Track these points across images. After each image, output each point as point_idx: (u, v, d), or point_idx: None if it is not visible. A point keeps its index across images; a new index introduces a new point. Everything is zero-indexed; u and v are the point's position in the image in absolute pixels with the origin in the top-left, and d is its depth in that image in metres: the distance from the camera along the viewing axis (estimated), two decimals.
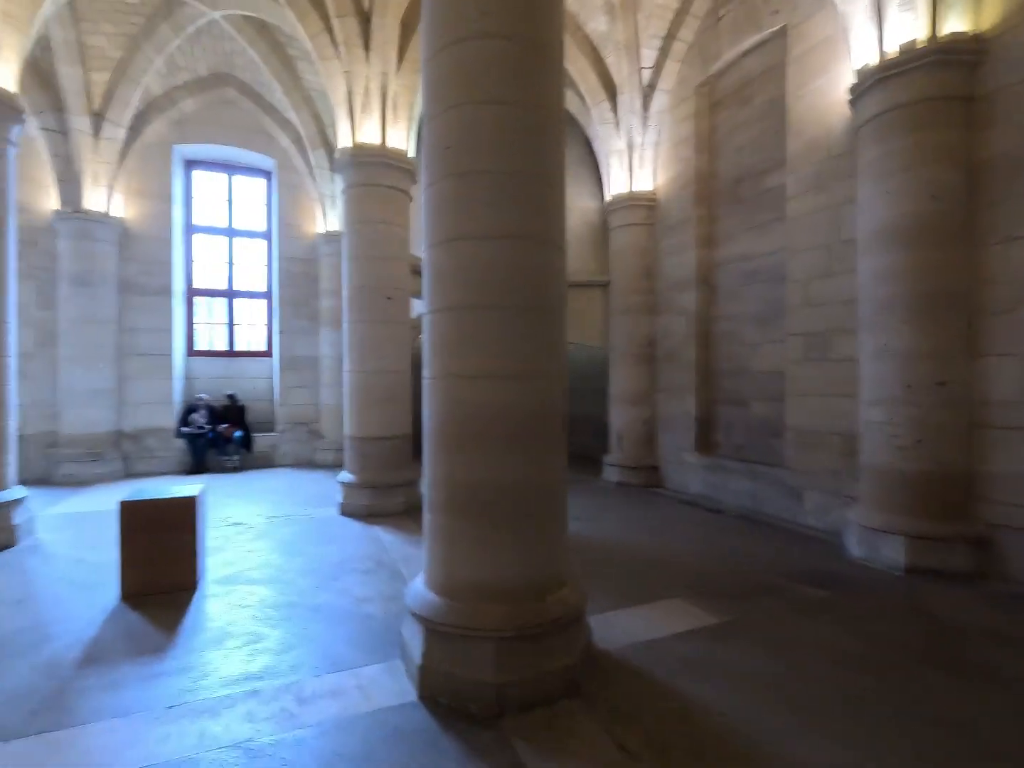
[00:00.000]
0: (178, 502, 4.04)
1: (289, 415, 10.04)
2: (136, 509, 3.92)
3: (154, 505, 3.97)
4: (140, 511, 3.93)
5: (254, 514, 6.34)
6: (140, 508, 3.93)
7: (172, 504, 4.03)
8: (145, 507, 3.94)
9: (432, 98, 2.83)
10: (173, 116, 9.20)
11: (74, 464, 8.31)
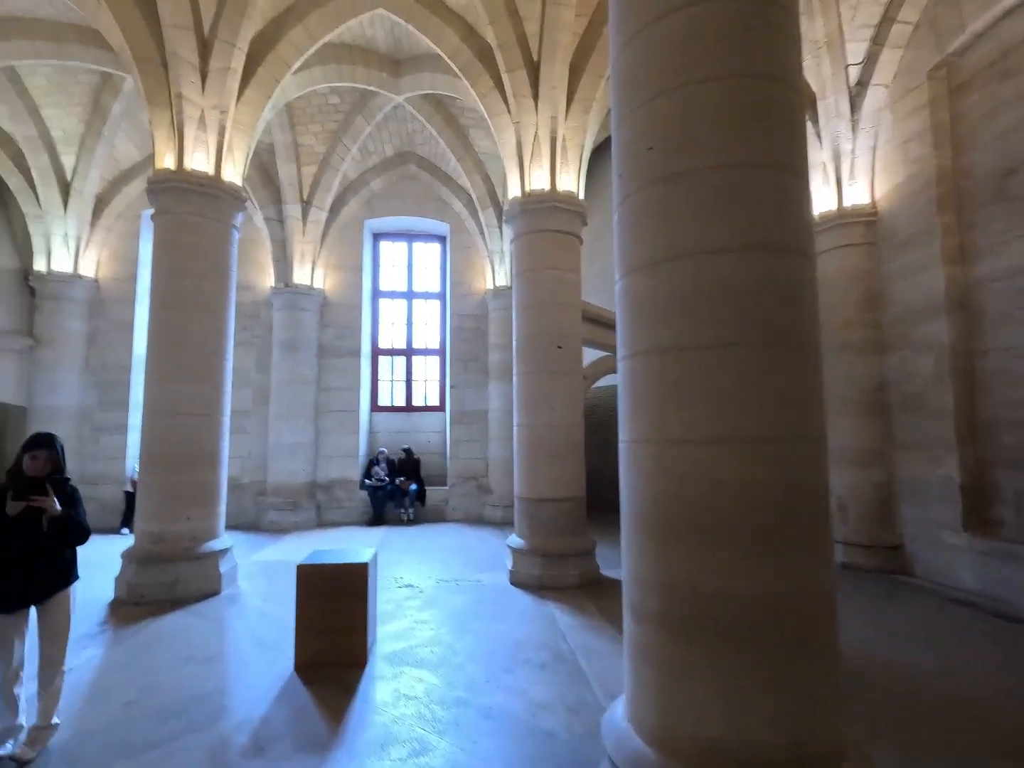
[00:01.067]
0: (351, 569, 3.83)
1: (459, 469, 10.05)
2: (311, 574, 3.79)
3: (328, 571, 3.81)
4: (315, 576, 3.79)
5: (424, 576, 6.12)
6: (315, 573, 3.80)
7: (345, 571, 3.83)
8: (320, 572, 3.80)
9: (625, 95, 2.30)
10: (364, 195, 10.22)
11: (276, 512, 9.10)
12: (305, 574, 3.79)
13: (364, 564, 3.86)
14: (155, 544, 5.25)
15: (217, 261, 5.76)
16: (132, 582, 5.16)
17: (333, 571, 3.82)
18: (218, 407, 5.70)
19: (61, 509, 2.74)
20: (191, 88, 5.60)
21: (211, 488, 5.58)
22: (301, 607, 3.76)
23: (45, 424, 8.97)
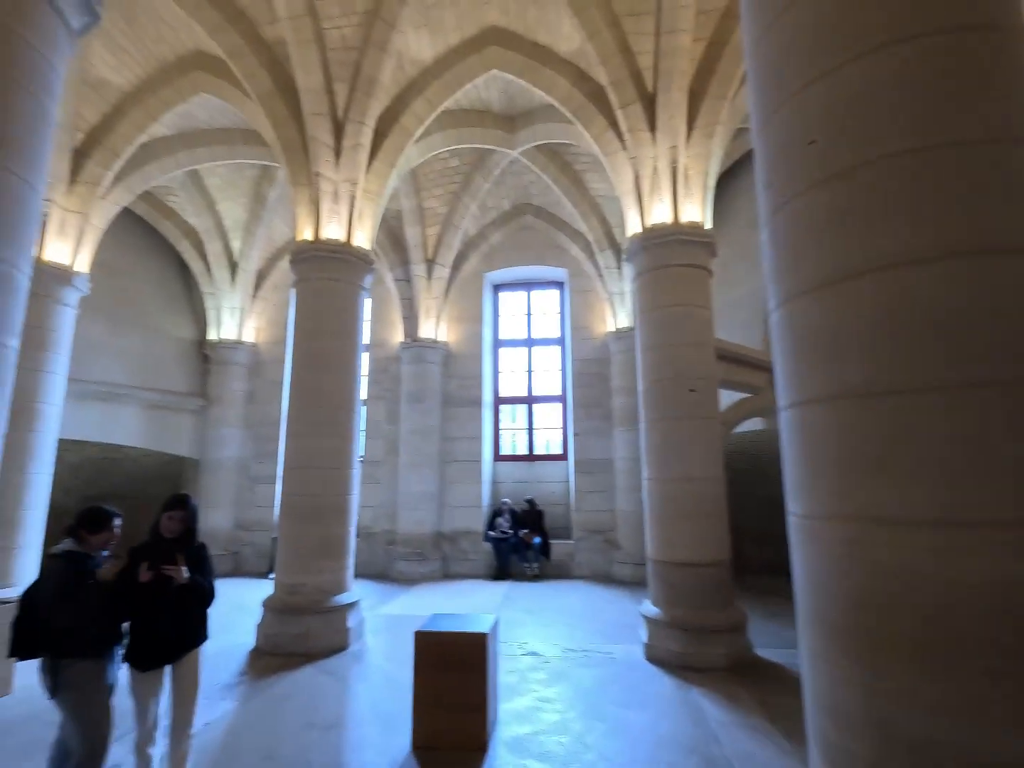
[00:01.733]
0: (470, 640, 3.54)
1: (584, 522, 9.51)
2: (429, 642, 3.55)
3: (446, 640, 3.55)
4: (433, 645, 3.55)
5: (550, 642, 5.64)
6: (433, 641, 3.55)
7: (465, 641, 3.54)
8: (437, 641, 3.55)
9: (769, 89, 1.90)
10: (483, 250, 10.53)
11: (404, 562, 9.21)
12: (423, 643, 3.56)
13: (483, 635, 3.55)
14: (289, 595, 5.41)
15: (346, 321, 6.08)
16: (269, 632, 5.34)
17: (451, 640, 3.55)
18: (347, 460, 5.88)
19: (189, 576, 2.79)
20: (326, 166, 6.12)
21: (340, 541, 5.70)
22: (419, 678, 3.52)
23: (211, 474, 10.10)
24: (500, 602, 7.45)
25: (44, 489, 6.58)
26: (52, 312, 6.71)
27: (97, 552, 2.87)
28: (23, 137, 2.52)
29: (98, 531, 2.86)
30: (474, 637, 3.54)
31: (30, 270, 2.65)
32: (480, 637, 3.54)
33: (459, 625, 3.73)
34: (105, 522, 2.88)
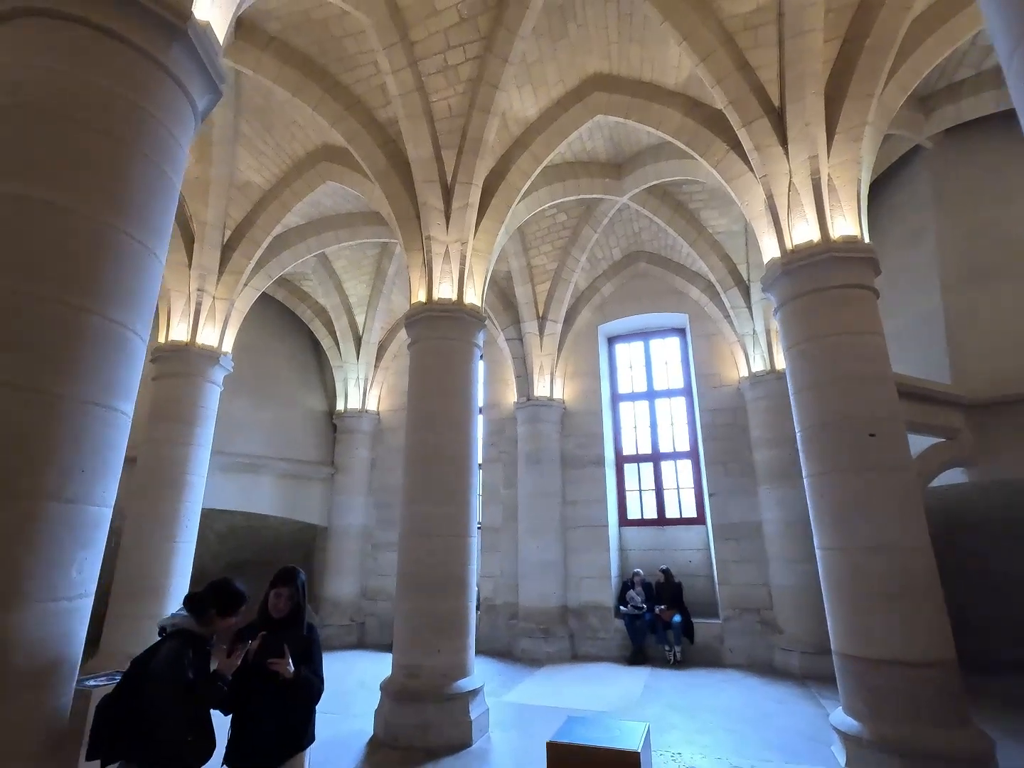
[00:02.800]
0: (619, 758, 2.80)
1: (733, 598, 8.18)
2: (567, 758, 2.87)
3: (589, 757, 2.84)
4: (572, 761, 2.85)
5: (712, 755, 4.57)
6: (572, 757, 2.86)
7: (612, 760, 2.81)
8: (577, 757, 2.85)
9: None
10: (595, 302, 10.16)
11: (528, 639, 8.46)
12: (558, 757, 2.88)
13: (635, 754, 2.79)
14: (409, 679, 4.96)
15: (459, 379, 5.88)
16: (387, 720, 4.89)
17: (594, 758, 2.83)
18: (464, 527, 5.49)
19: (294, 671, 2.44)
20: (437, 229, 6.18)
21: (460, 616, 5.21)
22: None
23: (338, 541, 10.26)
24: (640, 694, 6.41)
25: (188, 558, 6.90)
26: (202, 390, 7.31)
27: (212, 638, 2.62)
28: (146, 205, 2.56)
29: (231, 614, 2.61)
30: (623, 755, 2.80)
31: (147, 335, 2.63)
32: (631, 756, 2.79)
33: (601, 735, 3.00)
34: (239, 604, 2.63)
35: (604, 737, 2.94)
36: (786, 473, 7.92)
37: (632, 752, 2.77)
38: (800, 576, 7.52)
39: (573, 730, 3.07)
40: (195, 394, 7.21)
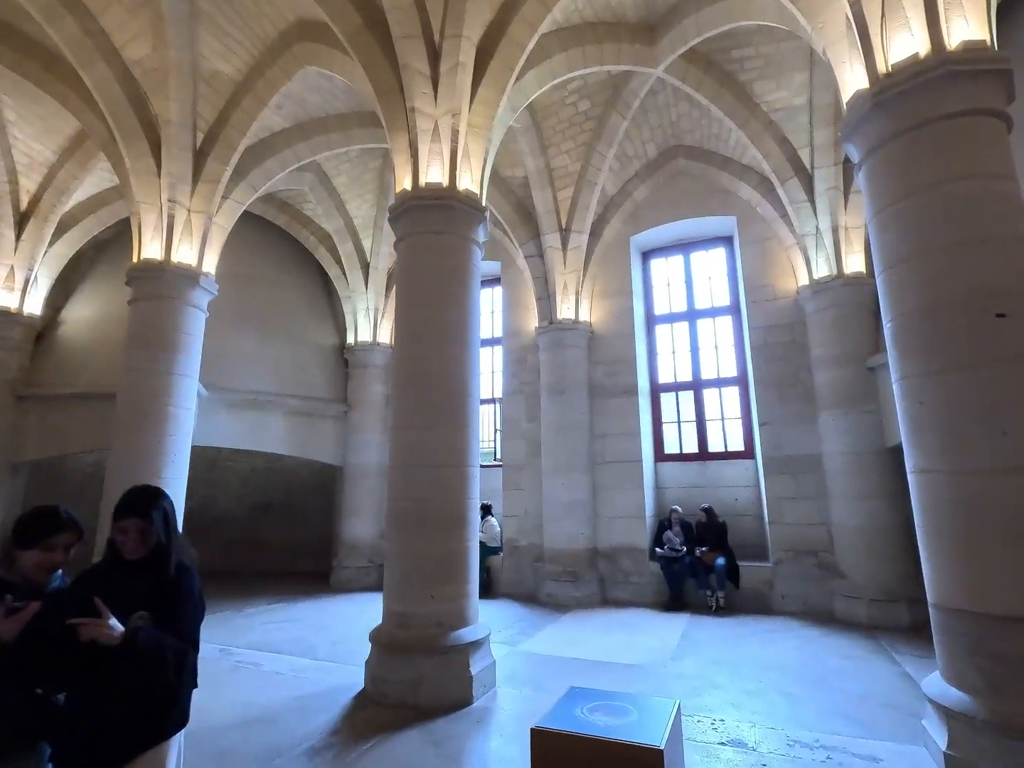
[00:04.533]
0: (632, 756, 1.92)
1: (785, 539, 7.17)
2: (558, 751, 2.01)
3: (590, 751, 1.97)
4: (564, 755, 2.00)
5: (762, 723, 3.70)
6: (565, 751, 2.00)
7: (622, 759, 1.93)
8: (574, 751, 1.99)
9: None
10: (627, 209, 8.82)
11: (554, 583, 7.75)
12: (547, 750, 2.03)
13: (656, 751, 1.90)
14: (398, 629, 4.25)
15: (456, 281, 4.88)
16: (376, 675, 4.23)
17: (598, 754, 1.96)
18: (462, 456, 4.61)
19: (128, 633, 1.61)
20: (423, 99, 5.03)
21: (458, 558, 4.42)
22: None
23: (354, 482, 9.69)
24: (676, 646, 5.59)
25: (178, 496, 6.36)
26: (182, 314, 6.59)
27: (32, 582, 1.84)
28: None
29: (28, 545, 1.83)
30: (638, 754, 1.91)
31: None
32: (649, 756, 1.90)
33: (612, 719, 2.13)
34: (43, 534, 1.84)
35: (616, 723, 2.08)
36: (853, 396, 6.69)
37: (652, 749, 1.89)
38: (868, 515, 6.42)
39: (574, 708, 2.22)
40: (174, 318, 6.50)
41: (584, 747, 1.94)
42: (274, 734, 3.63)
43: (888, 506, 6.40)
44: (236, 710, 4.02)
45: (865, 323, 6.84)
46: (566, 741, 1.97)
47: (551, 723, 2.07)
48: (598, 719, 2.10)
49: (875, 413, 6.57)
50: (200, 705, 4.26)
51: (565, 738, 1.97)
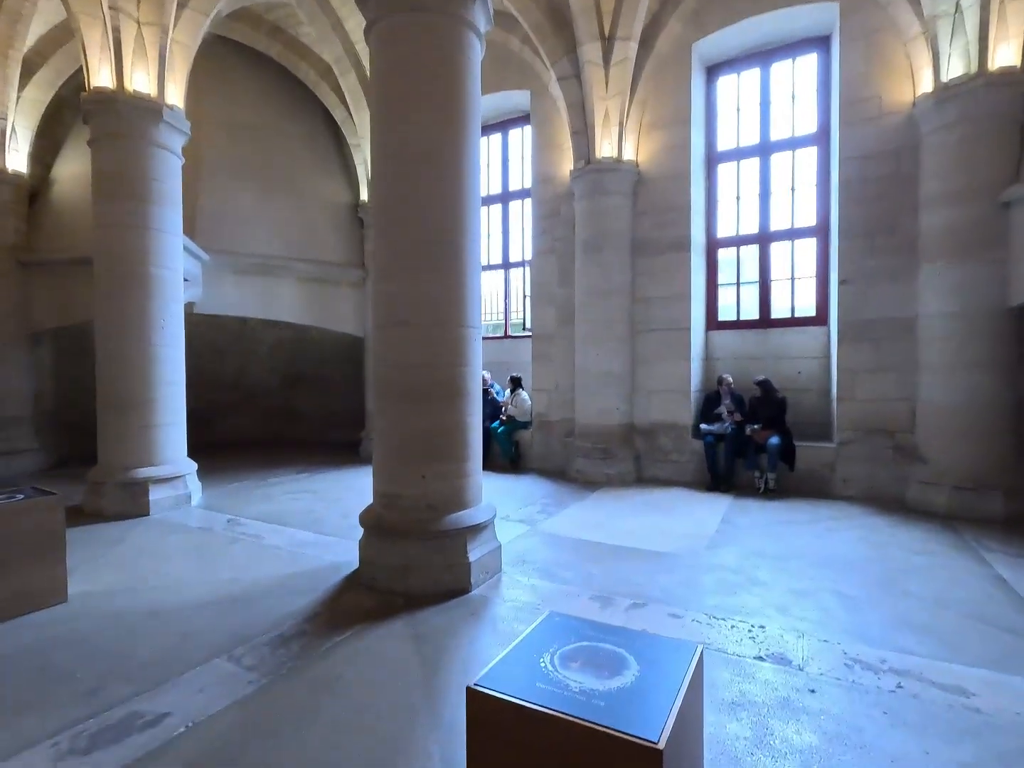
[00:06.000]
0: (618, 751, 1.19)
1: (856, 417, 6.15)
2: (499, 722, 1.32)
3: (550, 738, 1.26)
4: (510, 734, 1.31)
5: (809, 632, 3.03)
6: (511, 726, 1.31)
7: (599, 750, 1.21)
8: (525, 731, 1.29)
9: None
10: (688, 5, 6.83)
11: (585, 460, 7.19)
12: (486, 717, 1.34)
13: (653, 751, 1.15)
14: (387, 511, 3.73)
15: (443, 79, 3.65)
16: (365, 558, 3.79)
17: (559, 738, 1.25)
18: (457, 314, 3.73)
19: None
20: None
21: (453, 433, 3.73)
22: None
23: None
24: (715, 531, 4.95)
25: (176, 364, 5.92)
26: (149, 157, 5.66)
27: None
28: None
29: None
30: (623, 748, 1.17)
31: None
32: (642, 754, 1.15)
33: (595, 675, 1.40)
34: None
35: (599, 685, 1.34)
36: (974, 242, 5.22)
37: (644, 747, 1.15)
38: (969, 390, 5.26)
39: (544, 651, 1.52)
40: (139, 162, 5.60)
41: (540, 728, 1.25)
42: (248, 617, 3.28)
43: (998, 380, 5.20)
44: (219, 588, 3.72)
45: (1007, 142, 5.13)
46: (513, 713, 1.28)
47: (498, 680, 1.37)
48: (573, 675, 1.39)
49: (1001, 263, 5.12)
50: (184, 580, 4.09)
51: (512, 709, 1.28)
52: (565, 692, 1.32)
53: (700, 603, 3.44)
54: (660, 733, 1.17)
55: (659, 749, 1.13)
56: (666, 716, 1.23)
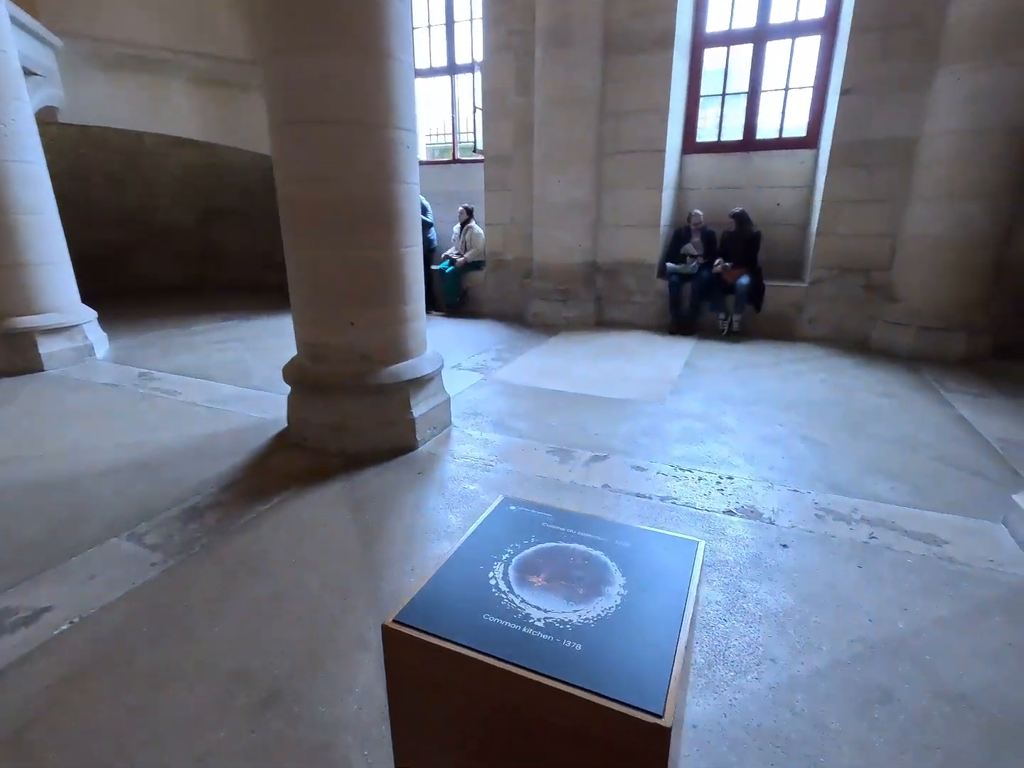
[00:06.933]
0: (604, 725, 0.80)
1: (833, 253, 5.73)
2: (423, 666, 0.92)
3: (500, 693, 0.87)
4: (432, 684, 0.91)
5: (779, 481, 2.87)
6: (438, 673, 0.91)
7: (570, 719, 0.83)
8: (461, 680, 0.89)
9: None
10: None
11: (543, 302, 6.66)
12: (410, 668, 0.94)
13: (659, 729, 0.77)
14: (313, 362, 3.17)
15: None
16: (294, 416, 3.32)
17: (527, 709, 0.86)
18: (385, 109, 2.82)
19: None
20: None
21: (386, 272, 3.06)
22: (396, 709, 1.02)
23: None
24: (679, 376, 4.70)
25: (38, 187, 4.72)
26: None
27: None
28: None
29: None
30: (612, 722, 0.79)
31: None
32: (643, 732, 0.78)
33: (563, 595, 1.00)
34: None
35: (567, 613, 0.95)
36: (1008, 36, 4.37)
37: (646, 723, 0.78)
38: (958, 221, 4.84)
39: (495, 556, 1.10)
40: None
41: (485, 685, 0.86)
42: (155, 486, 2.84)
43: (989, 209, 4.76)
44: (122, 453, 3.22)
45: None
46: (445, 666, 0.88)
47: (428, 611, 0.95)
48: (535, 599, 0.98)
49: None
50: (81, 445, 3.52)
51: (444, 660, 0.88)
52: (524, 628, 0.92)
53: (665, 453, 3.21)
54: (663, 698, 0.78)
55: (665, 727, 0.75)
56: (669, 667, 0.84)
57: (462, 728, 0.95)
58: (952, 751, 1.45)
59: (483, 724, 0.92)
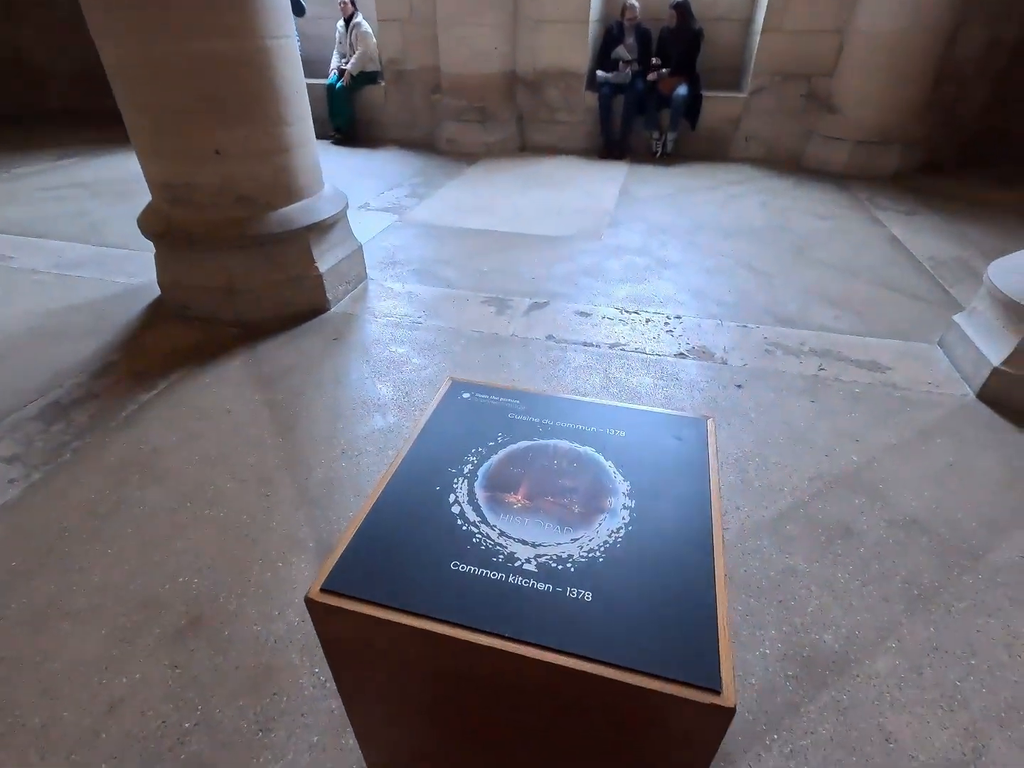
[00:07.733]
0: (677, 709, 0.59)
1: (777, 55, 5.15)
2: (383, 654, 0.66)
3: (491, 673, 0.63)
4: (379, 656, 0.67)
5: (727, 317, 2.73)
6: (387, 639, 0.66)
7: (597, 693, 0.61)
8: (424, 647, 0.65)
9: None
10: None
11: (456, 125, 5.74)
12: (352, 641, 0.68)
13: (727, 710, 0.57)
14: (175, 207, 2.46)
15: None
16: (167, 279, 2.68)
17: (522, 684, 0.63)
18: None
19: None
20: None
21: (249, 75, 2.28)
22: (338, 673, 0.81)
23: None
24: (614, 205, 4.29)
25: None
26: None
27: None
28: None
29: None
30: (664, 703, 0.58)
31: None
32: (706, 711, 0.57)
33: (552, 518, 0.75)
34: None
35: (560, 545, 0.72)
36: None
37: (715, 706, 0.58)
38: (912, 12, 4.35)
39: (442, 470, 0.82)
40: None
41: (465, 663, 0.62)
42: (1, 379, 2.26)
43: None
44: None
45: None
46: (397, 635, 0.63)
47: (360, 571, 0.67)
48: (515, 531, 0.72)
49: None
50: None
51: (401, 634, 0.62)
52: (511, 577, 0.66)
53: (609, 295, 2.95)
54: (717, 663, 0.57)
55: (729, 707, 0.54)
56: (711, 616, 0.62)
57: (442, 717, 0.72)
58: (909, 575, 1.48)
59: (468, 710, 0.69)
